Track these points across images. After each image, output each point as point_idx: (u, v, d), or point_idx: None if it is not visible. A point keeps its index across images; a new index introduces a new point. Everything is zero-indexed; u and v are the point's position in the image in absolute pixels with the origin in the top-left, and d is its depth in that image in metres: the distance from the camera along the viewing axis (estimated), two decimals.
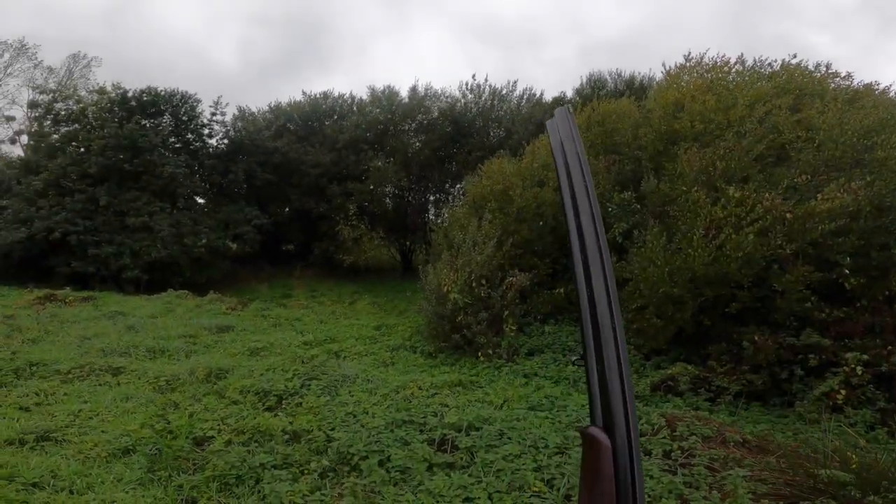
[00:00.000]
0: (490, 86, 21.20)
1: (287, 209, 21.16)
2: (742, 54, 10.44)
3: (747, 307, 6.51)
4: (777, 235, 6.18)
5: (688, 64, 10.56)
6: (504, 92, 21.35)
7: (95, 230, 16.43)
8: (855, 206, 6.05)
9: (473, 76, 25.84)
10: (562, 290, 9.51)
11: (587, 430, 0.75)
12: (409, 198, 21.81)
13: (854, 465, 3.29)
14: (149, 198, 17.40)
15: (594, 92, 20.16)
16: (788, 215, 6.17)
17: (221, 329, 10.19)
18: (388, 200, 21.18)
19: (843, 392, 5.18)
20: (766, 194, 6.39)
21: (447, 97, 21.43)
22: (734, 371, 6.19)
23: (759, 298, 6.48)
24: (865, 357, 5.34)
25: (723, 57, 10.36)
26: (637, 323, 7.59)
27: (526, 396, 6.21)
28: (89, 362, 6.98)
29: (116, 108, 18.26)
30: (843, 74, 9.72)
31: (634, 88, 18.78)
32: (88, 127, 18.10)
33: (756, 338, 6.08)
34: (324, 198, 19.81)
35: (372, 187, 19.84)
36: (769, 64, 10.35)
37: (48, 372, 6.63)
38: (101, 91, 19.30)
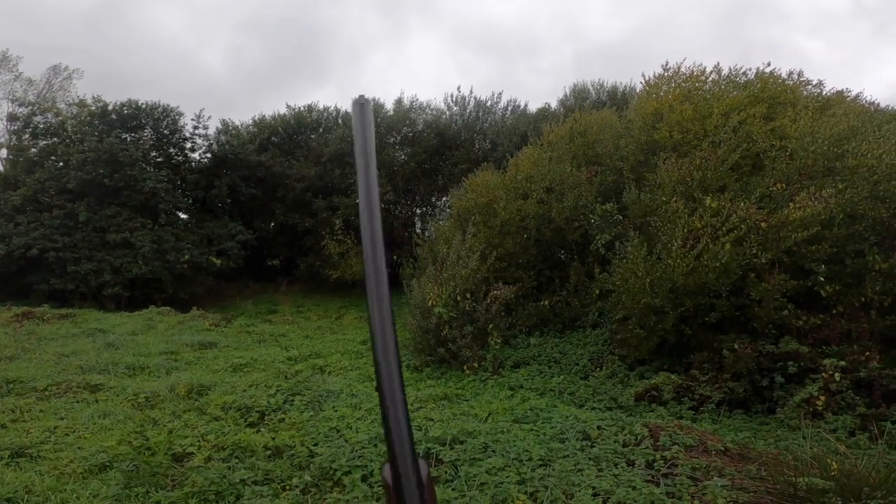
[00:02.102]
0: (475, 98, 21.47)
1: (272, 224, 21.01)
2: (718, 63, 10.59)
3: (726, 316, 6.60)
4: (752, 244, 6.30)
5: (666, 73, 10.63)
6: (489, 104, 21.60)
7: (75, 246, 16.14)
8: (827, 213, 6.21)
9: (459, 88, 26.12)
10: (547, 303, 9.57)
11: (383, 466, 0.67)
12: (396, 211, 21.80)
13: (834, 472, 3.31)
14: (129, 213, 17.16)
15: (577, 103, 20.50)
16: (763, 224, 6.30)
17: (204, 346, 10.03)
18: None
19: (822, 398, 5.25)
20: (741, 203, 6.51)
21: (432, 109, 21.64)
22: (716, 379, 6.24)
23: (738, 307, 6.57)
24: (843, 363, 5.43)
25: (699, 66, 10.48)
26: (620, 333, 7.63)
27: (511, 409, 6.19)
28: (67, 379, 6.81)
29: (96, 122, 18.07)
30: (814, 82, 9.93)
31: (616, 99, 19.11)
32: (67, 141, 17.87)
33: (736, 346, 6.16)
34: (309, 212, 19.73)
35: (357, 201, 19.73)
36: (744, 73, 10.45)
37: (24, 389, 6.46)
38: (81, 104, 19.10)
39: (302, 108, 22.08)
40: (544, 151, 11.75)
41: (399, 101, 21.52)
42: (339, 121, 21.91)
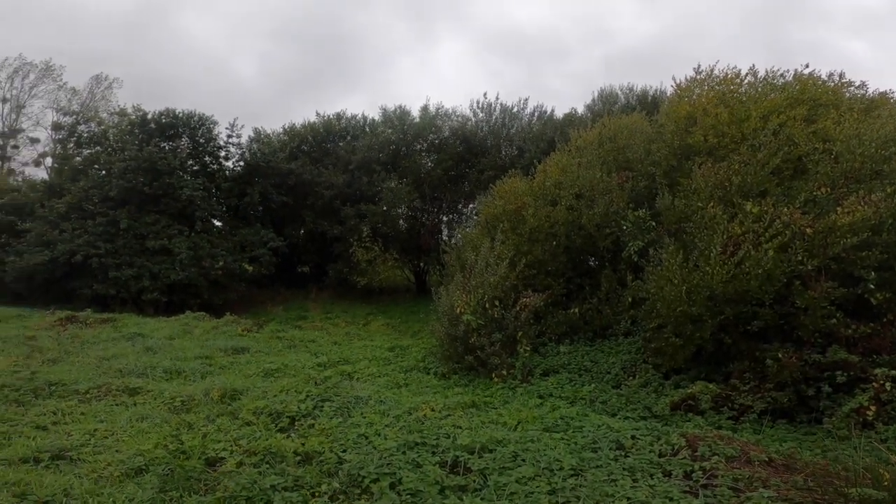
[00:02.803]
0: (501, 104, 21.39)
1: (302, 231, 21.36)
2: (753, 65, 10.24)
3: (769, 324, 6.33)
4: (798, 251, 6.04)
5: (698, 77, 10.42)
6: (515, 110, 21.48)
7: (116, 253, 16.73)
8: (877, 218, 5.90)
9: (485, 94, 26.02)
10: (577, 310, 9.39)
11: None
12: (423, 218, 21.89)
13: (886, 483, 3.14)
14: (168, 221, 17.72)
15: (605, 108, 20.21)
16: (808, 230, 6.04)
17: (237, 351, 10.24)
18: (401, 221, 21.27)
19: (872, 408, 4.99)
20: (785, 209, 6.26)
21: (458, 116, 21.67)
22: (758, 389, 6.01)
23: (782, 315, 6.30)
24: (895, 373, 5.14)
25: (734, 69, 10.20)
26: (655, 342, 7.43)
27: (541, 417, 6.08)
28: (107, 383, 7.04)
29: (136, 131, 18.72)
30: (857, 84, 9.55)
31: (646, 103, 18.74)
32: (110, 149, 18.58)
33: (780, 355, 5.91)
34: (338, 219, 19.97)
35: (385, 208, 19.93)
36: (781, 75, 10.14)
37: (66, 392, 6.69)
38: (122, 113, 19.88)
39: (331, 116, 22.45)
40: (573, 157, 11.61)
41: (425, 108, 21.66)
42: (367, 129, 22.16)
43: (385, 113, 22.03)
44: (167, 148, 18.69)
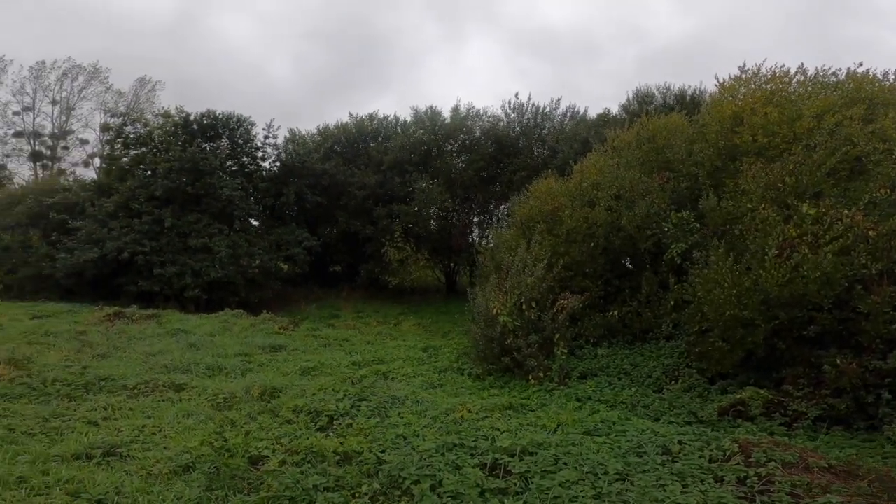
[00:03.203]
0: (533, 104, 21.12)
1: (334, 231, 21.62)
2: (802, 64, 9.85)
3: (827, 330, 6.05)
4: (860, 254, 5.74)
5: (743, 76, 10.11)
6: (547, 110, 21.21)
7: (160, 251, 17.27)
8: None
9: (517, 95, 25.76)
10: (615, 313, 9.20)
11: None
12: (454, 219, 21.84)
13: None
14: (208, 220, 18.20)
15: (641, 107, 19.73)
16: (871, 232, 5.72)
17: (274, 348, 10.43)
18: (432, 222, 21.27)
19: None
20: (845, 211, 5.95)
21: (490, 116, 21.51)
22: (813, 395, 5.78)
23: (841, 321, 6.01)
24: None
25: (782, 67, 9.86)
26: (699, 346, 7.20)
27: (581, 421, 5.97)
28: (154, 378, 7.26)
29: (179, 131, 19.27)
30: None
31: (685, 103, 18.21)
32: (155, 150, 19.15)
33: (838, 361, 5.64)
34: (370, 219, 20.12)
35: (417, 209, 19.97)
36: (833, 73, 9.77)
37: (116, 387, 6.93)
38: (166, 114, 20.42)
39: (363, 117, 22.63)
40: (610, 158, 11.39)
41: (456, 109, 21.60)
42: (398, 129, 22.25)
43: (416, 113, 22.10)
44: (208, 148, 19.20)
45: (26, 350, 8.36)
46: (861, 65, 9.46)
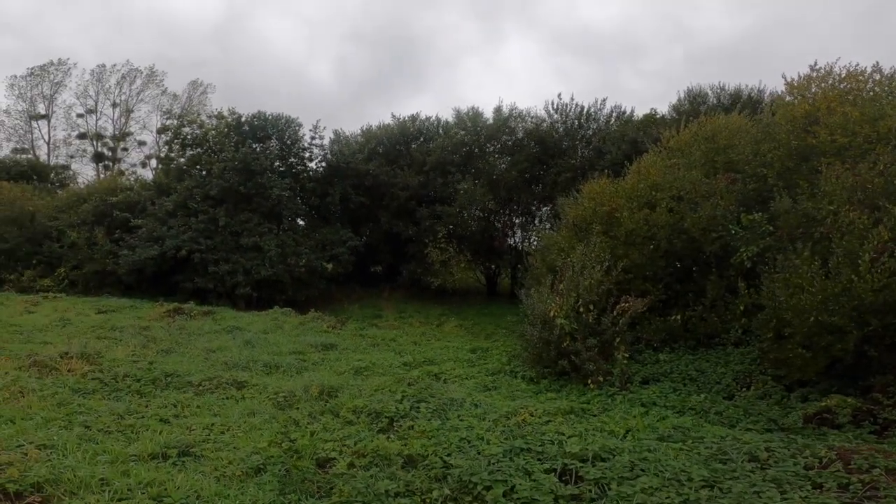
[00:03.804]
0: (577, 104, 20.62)
1: (377, 231, 21.79)
2: (878, 62, 9.37)
3: None
4: None
5: (815, 74, 9.68)
6: (592, 111, 20.66)
7: (215, 249, 17.82)
8: None
9: (559, 95, 25.35)
10: (678, 317, 8.85)
11: None
12: (495, 220, 21.64)
13: None
14: (259, 219, 18.65)
15: (693, 107, 19.04)
16: None
17: (326, 347, 10.55)
18: (473, 223, 21.13)
19: None
20: None
21: (532, 117, 21.18)
22: None
23: None
24: None
25: (857, 66, 9.41)
26: (775, 353, 6.85)
27: (651, 426, 5.74)
28: (216, 375, 7.42)
29: (232, 133, 19.81)
30: None
31: (742, 102, 17.44)
32: (209, 151, 19.78)
33: None
34: (413, 220, 20.16)
35: (459, 210, 19.87)
36: None
37: (182, 383, 7.12)
38: (220, 116, 21.06)
39: (405, 118, 22.72)
40: (667, 158, 11.03)
41: (498, 109, 21.39)
42: (440, 130, 22.22)
43: (458, 114, 22.05)
44: (258, 149, 19.64)
45: (96, 345, 8.70)
46: None
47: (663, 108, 21.38)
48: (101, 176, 31.56)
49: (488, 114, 21.51)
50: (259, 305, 16.42)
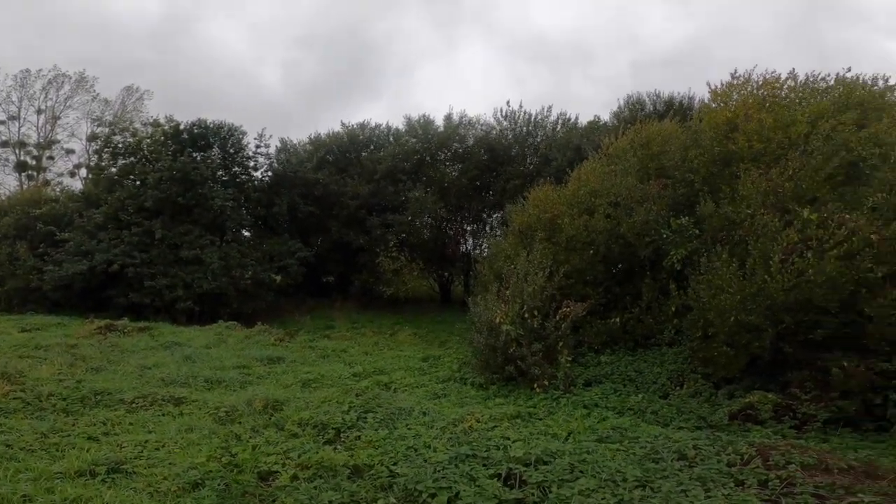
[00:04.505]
0: (525, 112, 21.11)
1: (327, 241, 21.47)
2: (794, 69, 9.99)
3: (833, 333, 6.13)
4: (865, 259, 5.83)
5: (735, 81, 10.16)
6: (539, 118, 21.20)
7: (151, 262, 16.98)
8: None
9: (508, 102, 25.95)
10: (617, 320, 9.20)
11: None
12: (447, 228, 21.82)
13: None
14: (200, 231, 17.95)
15: (632, 114, 19.94)
16: (874, 237, 5.81)
17: (272, 360, 10.28)
18: (425, 231, 21.20)
19: None
20: (847, 216, 6.05)
21: (482, 125, 21.51)
22: (821, 398, 5.85)
23: (846, 324, 6.10)
24: None
25: (773, 73, 9.93)
26: (703, 352, 7.24)
27: (592, 428, 5.96)
28: (152, 392, 7.10)
29: (169, 141, 18.99)
30: None
31: (675, 109, 18.45)
32: (144, 160, 18.86)
33: (845, 364, 5.71)
34: (363, 229, 20.00)
35: (410, 218, 19.89)
36: (822, 78, 9.85)
37: (113, 401, 6.75)
38: (156, 124, 20.14)
39: (355, 126, 22.56)
40: (606, 164, 11.45)
41: (449, 117, 21.61)
42: (391, 138, 22.21)
43: (409, 122, 22.10)
44: (199, 158, 18.93)
45: (18, 364, 8.11)
46: (850, 70, 9.59)
47: (607, 115, 22.18)
48: (25, 186, 29.44)
49: (439, 121, 21.68)
50: (202, 320, 15.78)
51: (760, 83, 9.89)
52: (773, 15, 50.58)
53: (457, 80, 58.37)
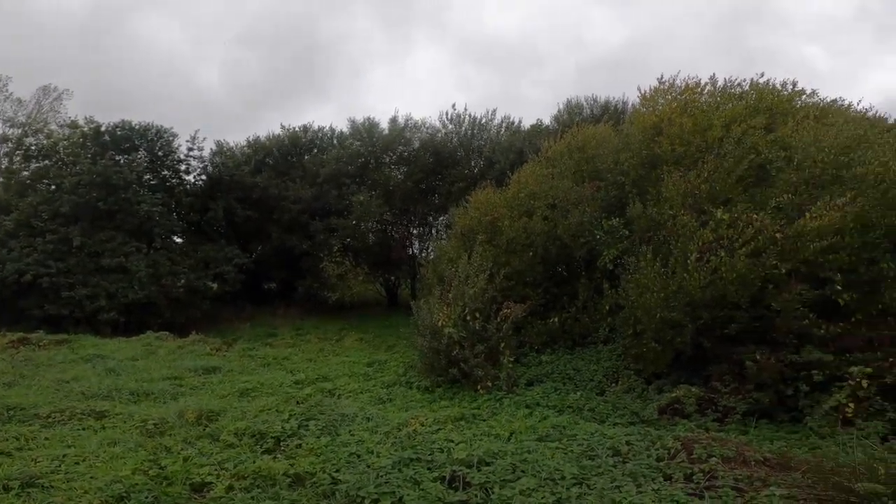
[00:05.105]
0: (470, 115, 21.36)
1: (268, 246, 20.80)
2: (714, 74, 10.62)
3: (746, 327, 6.56)
4: (771, 256, 6.30)
5: (662, 86, 10.56)
6: (484, 121, 21.51)
7: (69, 272, 15.82)
8: (842, 223, 6.24)
9: (453, 105, 26.18)
10: (556, 320, 9.47)
11: None
12: (393, 232, 21.71)
13: (882, 477, 3.27)
14: (124, 237, 16.89)
15: (571, 118, 20.65)
16: (779, 235, 6.31)
17: (208, 370, 9.82)
18: (371, 235, 20.97)
19: (851, 405, 5.24)
20: (755, 215, 6.54)
21: (428, 128, 21.55)
22: (739, 390, 6.22)
23: (757, 318, 6.55)
24: (869, 370, 5.42)
25: (695, 78, 10.43)
26: (635, 348, 7.57)
27: (533, 427, 6.08)
28: (70, 406, 6.63)
29: (89, 144, 17.87)
30: (808, 92, 9.97)
31: (610, 113, 19.28)
32: (60, 163, 17.61)
33: (758, 356, 6.13)
34: (306, 234, 19.54)
35: (355, 222, 19.63)
36: (738, 84, 10.43)
37: (26, 416, 6.26)
38: (73, 125, 18.86)
39: (297, 129, 22.02)
40: (544, 167, 11.75)
41: (394, 120, 21.53)
42: (335, 141, 21.87)
43: (354, 125, 21.85)
44: (122, 161, 17.89)
45: None
46: (762, 75, 10.25)
47: (548, 119, 22.70)
48: None
49: (385, 125, 21.50)
50: (129, 331, 14.81)
51: (682, 88, 10.26)
52: (709, 20, 53.72)
53: (408, 82, 58.14)
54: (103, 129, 18.30)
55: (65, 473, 4.45)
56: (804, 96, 9.92)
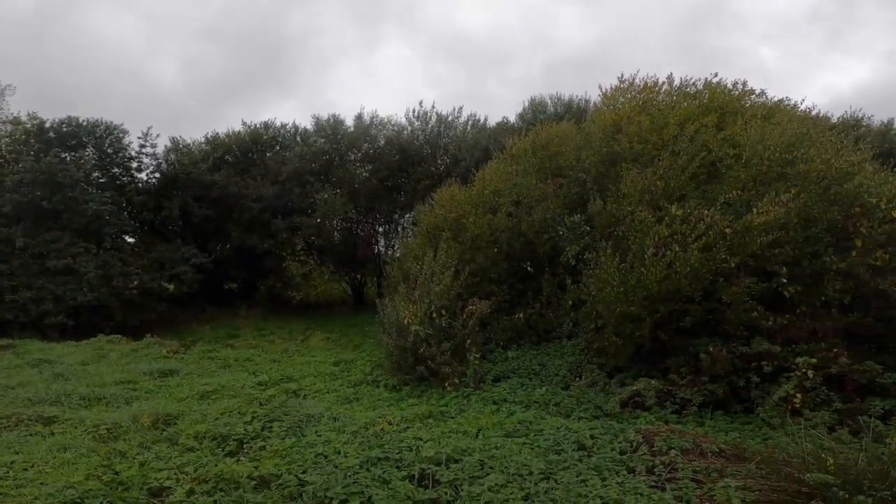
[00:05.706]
0: (437, 112, 21.30)
1: (228, 246, 20.19)
2: (671, 74, 11.04)
3: (699, 320, 6.82)
4: (721, 250, 6.57)
5: (622, 85, 10.89)
6: (450, 118, 21.49)
7: (12, 274, 14.97)
8: (786, 218, 6.57)
9: (420, 103, 26.09)
10: (521, 316, 9.60)
11: None
12: (358, 230, 21.46)
13: (831, 467, 3.42)
14: (71, 238, 16.06)
15: (535, 116, 20.91)
16: (728, 230, 6.59)
17: (164, 373, 9.47)
18: (336, 234, 20.67)
19: (799, 396, 5.50)
20: (706, 211, 6.81)
21: (394, 125, 21.37)
22: (695, 382, 6.43)
23: (710, 311, 6.81)
24: (814, 360, 5.71)
25: (653, 77, 10.78)
26: (597, 343, 7.75)
27: (500, 423, 6.14)
28: (16, 412, 6.31)
29: (32, 140, 16.97)
30: (757, 92, 10.40)
31: (573, 111, 19.62)
32: (1, 161, 16.71)
33: (711, 349, 6.38)
34: (268, 233, 19.07)
35: (319, 220, 19.29)
36: (693, 83, 10.75)
37: None
38: (16, 121, 17.86)
39: (258, 126, 21.46)
40: (509, 165, 11.89)
41: (359, 117, 21.28)
42: (298, 138, 21.43)
43: (318, 122, 21.44)
44: (69, 159, 17.06)
45: None
46: (716, 75, 10.63)
47: (513, 117, 22.85)
48: None
49: (350, 121, 21.19)
50: (78, 334, 14.09)
51: (641, 88, 10.61)
52: (672, 20, 55.30)
53: (376, 80, 57.45)
54: (48, 125, 17.39)
55: (13, 480, 4.25)
56: (753, 96, 10.34)
